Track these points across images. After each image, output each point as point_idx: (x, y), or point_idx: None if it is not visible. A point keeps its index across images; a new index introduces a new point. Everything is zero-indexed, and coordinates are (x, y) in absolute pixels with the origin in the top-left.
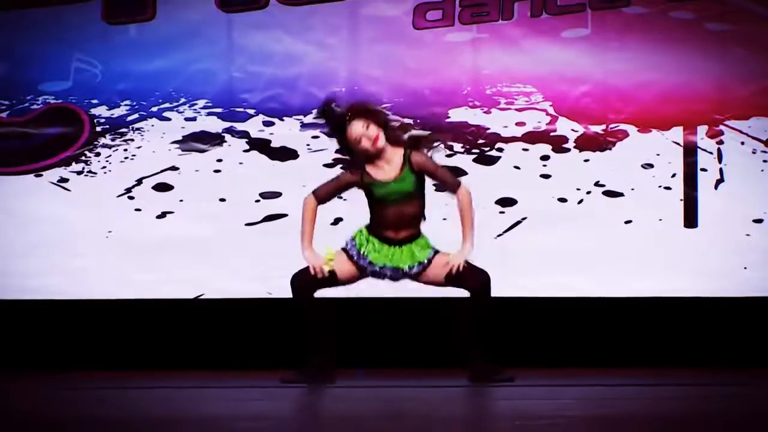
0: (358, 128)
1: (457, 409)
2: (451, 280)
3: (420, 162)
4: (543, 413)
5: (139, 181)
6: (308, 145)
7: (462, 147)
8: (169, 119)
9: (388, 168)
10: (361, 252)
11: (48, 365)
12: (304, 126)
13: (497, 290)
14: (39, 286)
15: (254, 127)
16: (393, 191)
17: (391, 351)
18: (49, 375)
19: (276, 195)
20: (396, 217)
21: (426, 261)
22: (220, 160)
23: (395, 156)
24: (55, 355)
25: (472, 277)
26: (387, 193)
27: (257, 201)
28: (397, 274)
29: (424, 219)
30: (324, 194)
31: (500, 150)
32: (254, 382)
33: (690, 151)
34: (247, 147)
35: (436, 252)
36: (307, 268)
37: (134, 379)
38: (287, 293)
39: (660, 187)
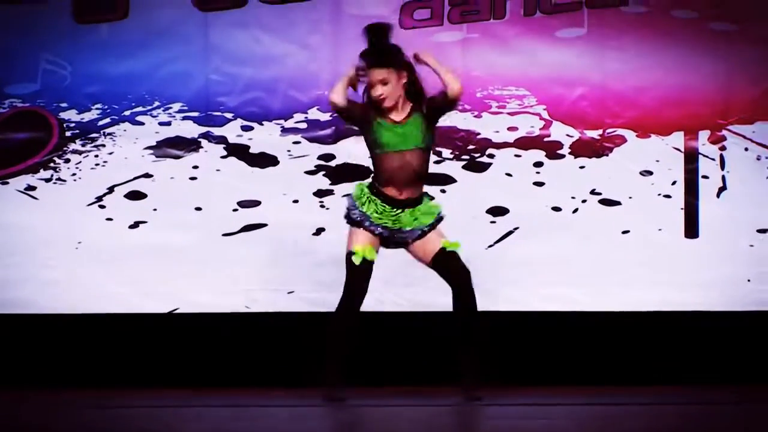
0: (378, 76)
1: (448, 428)
2: (437, 264)
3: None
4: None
5: (111, 189)
6: (289, 151)
7: (451, 153)
8: (142, 124)
9: (396, 114)
10: (362, 210)
11: (13, 382)
12: (285, 131)
13: (488, 304)
14: (4, 300)
15: (232, 132)
16: (400, 135)
17: (376, 367)
18: (14, 393)
19: (255, 203)
20: (400, 170)
21: (427, 227)
22: (196, 167)
23: (407, 107)
24: (20, 372)
25: (459, 271)
26: (393, 136)
27: (235, 210)
28: (392, 237)
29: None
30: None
31: (491, 156)
32: (232, 401)
33: (691, 158)
34: (225, 153)
35: (440, 220)
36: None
37: (105, 398)
38: (266, 307)
39: (659, 195)
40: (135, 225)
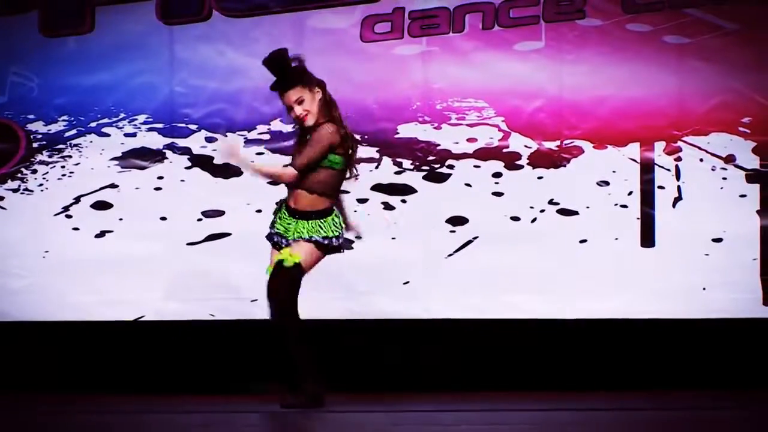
0: (291, 97)
1: None
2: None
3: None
4: None
5: (78, 199)
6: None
7: (411, 164)
8: (108, 135)
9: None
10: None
11: None
12: (249, 142)
13: (449, 312)
14: None
15: (196, 143)
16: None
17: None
18: None
19: (219, 213)
20: (296, 183)
21: (291, 240)
22: (161, 178)
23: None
24: None
25: (272, 281)
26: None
27: (199, 220)
28: (278, 240)
29: (334, 198)
30: None
31: (451, 167)
32: (195, 407)
33: (647, 168)
34: (189, 164)
35: (316, 240)
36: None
37: (71, 403)
38: (230, 315)
39: (616, 205)
40: (101, 234)
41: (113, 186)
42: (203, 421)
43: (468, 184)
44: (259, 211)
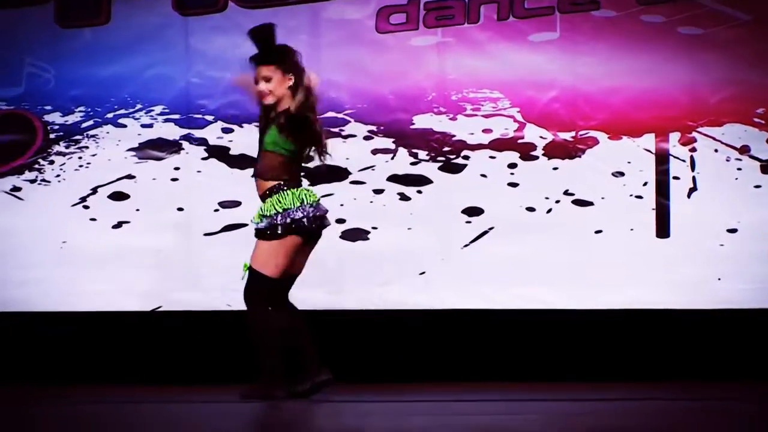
0: (261, 72)
1: (418, 424)
2: None
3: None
4: (506, 428)
5: (94, 190)
6: None
7: (427, 155)
8: (124, 126)
9: (274, 113)
10: None
11: None
12: None
13: (463, 302)
14: None
15: (213, 134)
16: (262, 132)
17: (348, 365)
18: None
19: (235, 204)
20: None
21: (262, 225)
22: (177, 168)
23: (284, 109)
24: (4, 369)
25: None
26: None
27: (216, 210)
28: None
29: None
30: None
31: (466, 158)
32: (213, 397)
33: (662, 159)
34: (206, 154)
35: (266, 228)
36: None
37: (88, 395)
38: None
39: (631, 195)
40: (118, 225)
41: (130, 177)
42: (222, 411)
43: (483, 175)
44: None
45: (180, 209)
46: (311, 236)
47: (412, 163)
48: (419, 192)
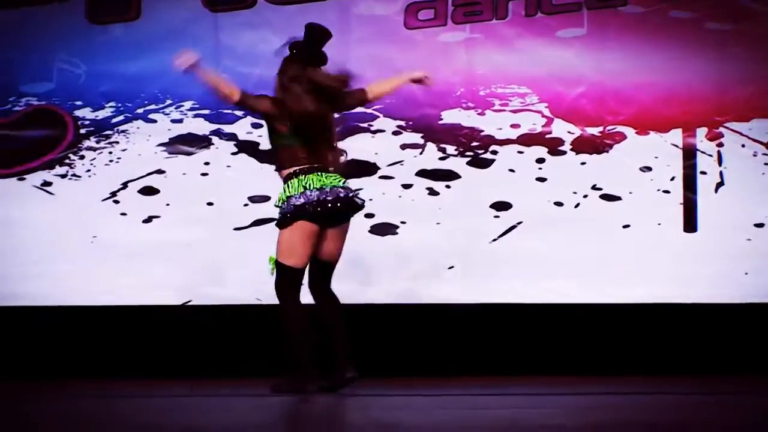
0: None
1: (444, 418)
2: None
3: None
4: (526, 422)
5: (125, 185)
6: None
7: (455, 149)
8: (155, 121)
9: None
10: None
11: (29, 373)
12: None
13: (492, 296)
14: (22, 292)
15: (242, 129)
16: None
17: (377, 358)
18: (30, 383)
19: (265, 198)
20: None
21: (277, 217)
22: (207, 163)
23: None
24: (37, 363)
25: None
26: None
27: (246, 205)
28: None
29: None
30: None
31: (495, 153)
32: (244, 391)
33: (689, 154)
34: (236, 149)
35: (279, 216)
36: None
37: (119, 388)
38: (277, 299)
39: (659, 190)
40: (148, 220)
41: (160, 172)
42: (253, 404)
43: (511, 170)
44: None
45: (210, 204)
46: (324, 220)
47: (441, 158)
48: (448, 187)
